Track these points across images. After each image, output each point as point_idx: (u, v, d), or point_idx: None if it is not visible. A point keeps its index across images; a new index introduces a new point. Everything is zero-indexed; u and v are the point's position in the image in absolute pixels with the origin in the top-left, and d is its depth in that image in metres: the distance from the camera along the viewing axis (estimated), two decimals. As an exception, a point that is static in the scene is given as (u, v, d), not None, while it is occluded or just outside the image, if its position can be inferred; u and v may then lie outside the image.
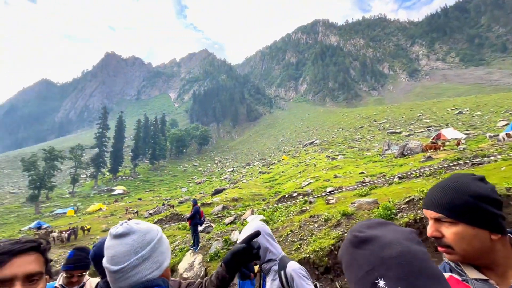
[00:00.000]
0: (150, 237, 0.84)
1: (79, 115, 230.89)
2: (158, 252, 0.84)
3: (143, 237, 0.83)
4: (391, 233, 0.60)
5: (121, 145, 63.45)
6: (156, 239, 0.85)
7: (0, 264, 0.73)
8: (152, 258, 0.82)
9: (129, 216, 26.10)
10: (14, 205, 49.76)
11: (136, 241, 0.81)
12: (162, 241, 0.87)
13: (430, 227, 0.80)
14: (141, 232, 0.84)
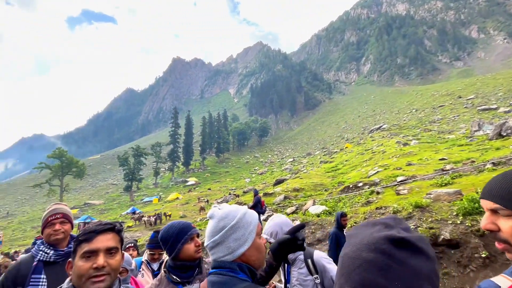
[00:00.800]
0: (223, 224, 0.91)
1: (156, 117, 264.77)
2: (231, 239, 0.89)
3: (217, 223, 0.92)
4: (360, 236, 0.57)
5: (190, 140, 70.35)
6: (229, 225, 0.90)
7: (88, 239, 0.96)
8: (224, 243, 0.89)
9: (201, 205, 29.01)
10: (115, 194, 61.19)
11: (213, 225, 0.92)
12: (237, 228, 0.90)
13: (485, 219, 0.73)
14: (217, 218, 0.93)
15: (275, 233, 1.76)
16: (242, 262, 0.89)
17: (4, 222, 49.79)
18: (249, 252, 0.89)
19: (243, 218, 0.92)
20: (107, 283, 0.93)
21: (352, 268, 0.49)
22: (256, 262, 0.91)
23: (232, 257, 0.88)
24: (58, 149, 50.85)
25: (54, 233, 1.66)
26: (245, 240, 0.89)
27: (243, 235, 0.90)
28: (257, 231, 0.93)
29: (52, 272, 1.59)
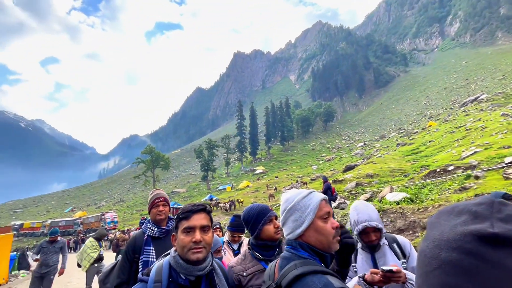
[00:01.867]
0: (284, 207, 1.03)
1: (223, 111, 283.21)
2: (290, 220, 1.00)
3: (282, 206, 1.06)
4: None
5: (255, 131, 72.89)
6: (288, 208, 1.01)
7: (187, 217, 1.16)
8: (286, 224, 1.01)
9: (270, 192, 30.02)
10: (195, 183, 69.02)
11: (280, 208, 1.07)
12: (294, 210, 0.99)
13: None
14: (282, 201, 1.06)
15: (362, 220, 1.67)
16: (303, 241, 0.96)
17: (117, 206, 62.59)
18: (307, 233, 0.96)
19: (301, 201, 0.99)
20: (203, 255, 1.12)
21: (430, 269, 0.39)
22: (318, 244, 0.95)
23: (293, 236, 0.98)
24: (148, 146, 60.27)
25: (158, 213, 2.11)
26: (302, 222, 0.96)
27: (300, 217, 0.97)
28: (320, 214, 0.97)
29: (158, 245, 2.04)
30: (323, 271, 0.85)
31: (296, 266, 0.89)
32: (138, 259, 2.00)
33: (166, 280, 1.11)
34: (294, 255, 0.95)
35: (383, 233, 1.71)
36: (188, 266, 1.12)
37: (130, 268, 2.00)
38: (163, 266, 1.17)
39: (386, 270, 1.32)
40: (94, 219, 38.25)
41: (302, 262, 0.90)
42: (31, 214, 75.43)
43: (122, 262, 2.04)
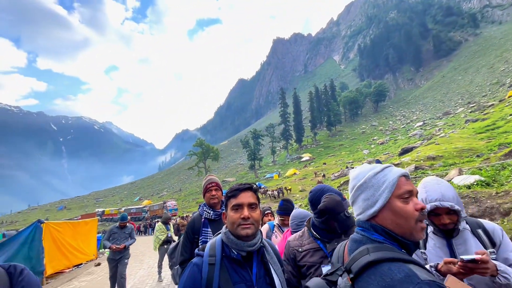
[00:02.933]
0: (353, 184, 0.93)
1: (265, 100, 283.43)
2: (360, 199, 0.89)
3: (350, 183, 0.96)
4: None
5: (300, 118, 71.31)
6: (357, 185, 0.91)
7: (235, 195, 1.22)
8: (356, 203, 0.91)
9: (318, 179, 29.38)
10: (243, 172, 71.50)
11: (349, 184, 0.98)
12: (365, 188, 0.88)
13: None
14: (351, 178, 0.96)
15: (431, 199, 1.39)
16: (377, 223, 0.85)
17: (176, 195, 68.86)
18: (382, 214, 0.84)
19: (373, 178, 0.87)
20: (252, 231, 1.16)
21: None
22: (396, 228, 0.81)
23: (364, 216, 0.88)
24: (198, 139, 64.28)
25: (211, 197, 2.30)
26: (375, 201, 0.85)
27: (373, 195, 0.86)
28: (398, 193, 0.82)
29: (214, 226, 2.23)
30: (404, 259, 0.71)
31: (369, 251, 0.78)
32: (198, 239, 2.21)
33: (219, 254, 1.16)
34: (366, 238, 0.84)
35: (463, 216, 1.39)
36: (239, 242, 1.16)
37: (192, 247, 2.22)
38: (216, 242, 1.22)
39: (467, 260, 1.09)
40: (158, 206, 42.96)
41: (376, 247, 0.78)
42: (109, 203, 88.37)
43: (184, 241, 2.28)
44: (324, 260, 1.50)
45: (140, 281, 6.93)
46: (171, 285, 6.06)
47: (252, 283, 1.14)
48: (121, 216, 5.74)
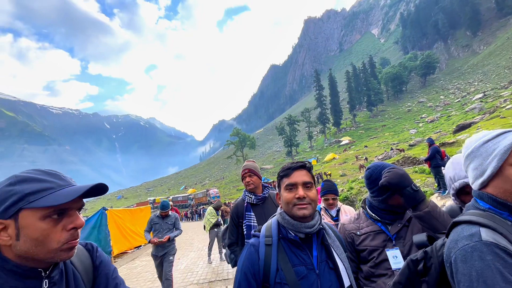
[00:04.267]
0: (463, 153, 0.92)
1: (299, 84, 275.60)
2: (470, 169, 0.89)
3: (463, 151, 0.93)
4: None
5: (337, 100, 68.03)
6: (466, 154, 0.90)
7: (287, 175, 1.16)
8: (468, 173, 0.91)
9: (360, 163, 28.04)
10: (280, 159, 71.59)
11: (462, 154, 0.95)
12: (474, 157, 0.86)
13: None
14: (464, 145, 0.93)
15: (460, 176, 1.32)
16: (487, 192, 0.83)
17: (217, 183, 72.15)
18: (494, 183, 0.82)
19: (482, 146, 0.85)
20: (310, 211, 1.09)
21: None
22: (507, 196, 0.79)
23: (475, 186, 0.87)
24: (235, 129, 65.78)
25: (246, 184, 2.35)
26: (483, 171, 0.83)
27: (481, 164, 0.84)
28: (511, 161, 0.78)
29: (257, 210, 2.28)
30: (482, 223, 0.74)
31: (463, 214, 0.84)
32: (242, 223, 2.30)
33: (275, 235, 1.12)
34: (472, 205, 0.87)
35: None
36: (296, 223, 1.10)
37: (237, 230, 2.34)
38: (272, 223, 1.19)
39: None
40: (201, 194, 45.59)
41: (472, 212, 0.81)
42: (159, 192, 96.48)
43: (230, 225, 2.40)
44: (388, 243, 1.39)
45: (192, 262, 7.51)
46: (220, 266, 6.44)
47: (313, 266, 1.08)
48: (161, 204, 4.76)
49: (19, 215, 0.68)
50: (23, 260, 0.70)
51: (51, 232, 0.70)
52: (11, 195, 0.68)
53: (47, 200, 0.69)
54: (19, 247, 0.68)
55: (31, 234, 0.68)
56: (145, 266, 7.88)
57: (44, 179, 0.73)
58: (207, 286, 5.11)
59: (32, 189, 0.69)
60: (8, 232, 0.68)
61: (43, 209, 0.69)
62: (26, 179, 0.70)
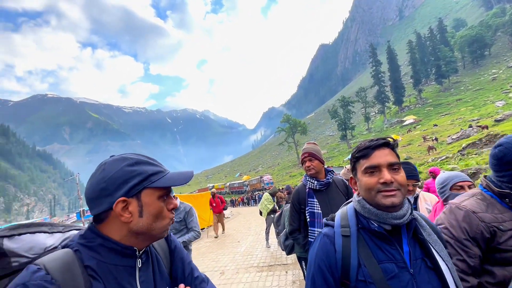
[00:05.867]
0: None
1: (353, 62, 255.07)
2: None
3: None
4: None
5: (397, 75, 60.73)
6: None
7: (366, 155, 0.95)
8: None
9: (428, 144, 24.83)
10: (334, 144, 68.54)
11: None
12: None
13: None
14: None
15: None
16: None
17: (270, 170, 73.46)
18: None
19: None
20: (399, 198, 0.89)
21: None
22: None
23: None
24: (285, 115, 65.06)
25: (307, 169, 2.20)
26: None
27: None
28: None
29: (320, 197, 2.15)
30: None
31: None
32: (304, 209, 2.19)
33: (354, 225, 0.95)
34: None
35: None
36: (380, 212, 0.91)
37: (299, 217, 2.23)
38: (348, 211, 1.01)
39: None
40: (256, 181, 47.13)
41: None
42: (216, 179, 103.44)
43: (291, 212, 2.30)
44: None
45: (251, 246, 7.87)
46: (278, 251, 6.58)
47: (405, 264, 0.88)
48: None
49: (141, 194, 0.74)
50: (132, 238, 0.75)
51: (163, 210, 0.77)
52: (136, 175, 0.74)
53: (164, 181, 0.76)
54: (141, 223, 0.73)
55: (152, 211, 0.75)
56: (209, 247, 8.60)
57: (154, 163, 0.80)
58: (267, 270, 5.28)
59: (153, 171, 0.77)
60: (130, 209, 0.73)
61: (160, 189, 0.76)
62: (140, 161, 0.77)
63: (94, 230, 0.74)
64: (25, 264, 0.69)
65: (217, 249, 8.09)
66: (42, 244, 0.73)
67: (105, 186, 0.72)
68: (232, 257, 6.66)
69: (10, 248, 0.69)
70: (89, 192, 0.74)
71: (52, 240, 0.75)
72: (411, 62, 61.72)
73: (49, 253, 0.71)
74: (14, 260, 0.69)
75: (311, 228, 2.11)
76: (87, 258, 0.69)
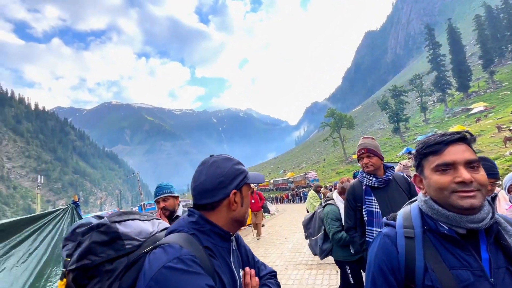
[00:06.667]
0: None
1: (404, 47, 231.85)
2: None
3: None
4: None
5: (462, 56, 53.09)
6: None
7: (436, 152, 0.85)
8: None
9: (504, 134, 21.26)
10: (385, 138, 63.43)
11: None
12: None
13: None
14: None
15: None
16: None
17: (315, 166, 71.55)
18: None
19: None
20: (479, 200, 0.79)
21: None
22: None
23: None
24: (329, 109, 62.44)
25: (365, 166, 2.04)
26: None
27: None
28: None
29: (378, 194, 1.99)
30: None
31: None
32: (360, 207, 2.07)
33: (419, 227, 0.87)
34: None
35: None
36: (452, 215, 0.81)
37: (355, 215, 2.11)
38: (411, 211, 0.93)
39: None
40: (300, 178, 46.46)
41: None
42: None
43: (346, 209, 2.19)
44: None
45: (298, 243, 7.81)
46: (327, 250, 6.40)
47: (484, 273, 0.78)
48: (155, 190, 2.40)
49: (242, 188, 0.91)
50: (230, 225, 0.89)
51: (250, 201, 0.96)
52: (241, 172, 0.91)
53: (252, 179, 0.95)
54: (242, 212, 0.90)
55: (247, 202, 0.92)
56: (256, 242, 8.80)
57: (241, 162, 0.97)
58: (316, 268, 5.19)
59: (246, 169, 0.94)
60: (236, 200, 0.88)
61: (249, 184, 0.94)
62: (239, 161, 0.96)
63: (204, 217, 0.85)
64: (136, 246, 0.82)
65: (265, 244, 8.24)
66: (147, 229, 0.87)
67: (223, 179, 0.86)
68: (280, 253, 6.71)
69: (124, 232, 0.81)
70: (206, 184, 0.86)
71: (150, 226, 0.90)
72: (479, 40, 53.24)
73: (153, 237, 0.86)
74: (128, 242, 0.81)
75: (369, 228, 1.99)
76: (204, 240, 0.81)
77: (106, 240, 0.78)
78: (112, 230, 0.80)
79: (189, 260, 0.69)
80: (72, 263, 0.75)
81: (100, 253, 0.76)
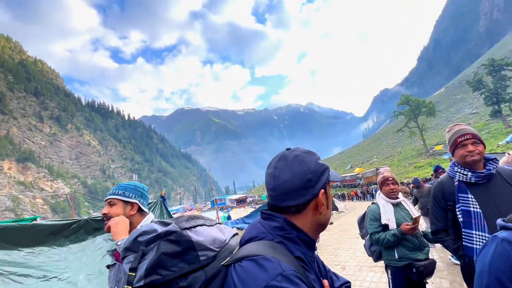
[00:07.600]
0: None
1: (504, 11, 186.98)
2: None
3: None
4: None
5: None
6: None
7: None
8: None
9: None
10: (480, 124, 52.57)
11: None
12: None
13: None
14: None
15: None
16: None
17: (388, 161, 64.68)
18: None
19: None
20: None
21: None
22: None
23: None
24: (403, 96, 55.26)
25: (468, 154, 1.65)
26: None
27: None
28: None
29: (477, 192, 1.62)
30: None
31: None
32: (452, 207, 1.75)
33: None
34: None
35: None
36: None
37: (445, 215, 1.80)
38: None
39: None
40: (371, 173, 42.71)
41: None
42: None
43: (434, 209, 1.88)
44: None
45: (372, 243, 7.26)
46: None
47: None
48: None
49: (327, 186, 0.72)
50: (315, 230, 0.72)
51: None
52: (326, 168, 0.72)
53: (332, 176, 0.75)
54: (328, 215, 0.72)
55: (331, 203, 0.74)
56: (325, 240, 8.54)
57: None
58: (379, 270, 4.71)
59: (328, 165, 0.75)
60: (323, 201, 0.70)
61: (330, 183, 0.75)
62: (319, 156, 0.78)
63: (290, 222, 0.68)
64: (212, 258, 0.66)
65: (335, 243, 7.93)
66: (220, 237, 0.72)
67: (311, 177, 0.69)
68: (353, 253, 6.35)
69: (198, 241, 0.66)
70: (292, 182, 0.68)
71: (221, 233, 0.74)
72: None
73: (227, 246, 0.71)
74: (202, 253, 0.65)
75: (466, 230, 1.65)
76: (294, 249, 0.65)
77: (179, 250, 0.64)
78: (185, 239, 0.65)
79: (294, 277, 0.54)
80: (139, 279, 0.62)
81: (171, 267, 0.63)
